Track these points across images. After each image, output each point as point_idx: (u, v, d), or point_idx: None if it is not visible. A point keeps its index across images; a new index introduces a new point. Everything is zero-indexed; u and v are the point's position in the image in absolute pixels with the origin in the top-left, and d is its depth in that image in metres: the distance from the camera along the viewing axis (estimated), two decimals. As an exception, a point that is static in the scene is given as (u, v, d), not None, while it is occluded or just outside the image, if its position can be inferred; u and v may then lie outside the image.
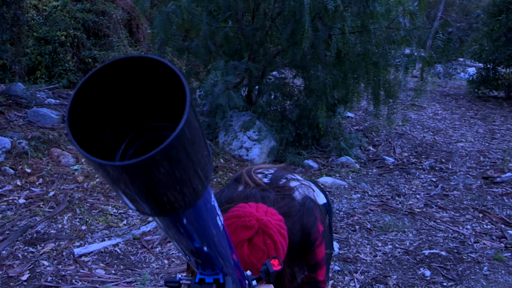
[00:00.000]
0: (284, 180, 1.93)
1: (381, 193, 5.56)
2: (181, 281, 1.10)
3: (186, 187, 0.66)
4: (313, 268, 1.82)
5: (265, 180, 1.92)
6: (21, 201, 4.75)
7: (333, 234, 4.44)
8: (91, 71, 0.65)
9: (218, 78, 6.16)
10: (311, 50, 6.54)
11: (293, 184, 1.92)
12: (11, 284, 3.53)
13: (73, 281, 3.62)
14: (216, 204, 0.87)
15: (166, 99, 0.68)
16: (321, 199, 2.15)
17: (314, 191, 2.02)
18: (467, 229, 4.63)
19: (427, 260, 3.99)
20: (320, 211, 1.92)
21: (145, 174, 0.59)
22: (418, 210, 5.05)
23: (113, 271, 3.80)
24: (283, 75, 7.86)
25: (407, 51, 7.20)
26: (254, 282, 1.38)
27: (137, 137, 0.75)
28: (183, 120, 0.58)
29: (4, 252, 3.93)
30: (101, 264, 3.88)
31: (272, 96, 7.60)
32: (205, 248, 0.94)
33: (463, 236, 4.47)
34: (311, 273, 1.83)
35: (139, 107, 0.71)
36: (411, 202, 5.27)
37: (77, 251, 4.02)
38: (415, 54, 6.96)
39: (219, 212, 0.90)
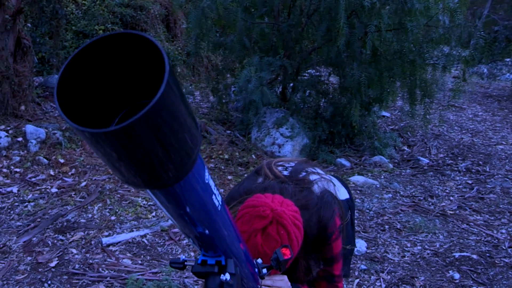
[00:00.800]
0: (304, 173, 1.91)
1: (414, 193, 5.44)
2: (185, 262, 1.12)
3: (171, 156, 0.67)
4: (329, 262, 1.80)
5: (285, 172, 1.91)
6: (54, 190, 4.86)
7: (362, 233, 4.38)
8: (80, 47, 0.66)
9: (252, 74, 6.15)
10: (346, 48, 6.45)
11: (312, 177, 1.90)
12: (39, 270, 3.61)
13: (100, 269, 3.68)
14: (211, 183, 0.87)
15: (156, 75, 0.68)
16: (343, 194, 2.12)
17: (335, 185, 1.99)
18: (501, 233, 4.48)
19: (457, 262, 3.88)
20: (339, 206, 1.89)
21: (126, 141, 0.60)
22: (451, 212, 4.92)
23: (139, 261, 3.84)
24: (318, 73, 7.80)
25: (446, 49, 7.02)
26: (264, 271, 1.37)
27: (129, 113, 0.75)
28: (161, 89, 0.59)
29: (34, 239, 4.03)
30: (128, 254, 3.93)
31: (307, 94, 7.55)
32: (207, 231, 0.95)
33: (497, 240, 4.32)
34: (326, 267, 1.81)
35: (130, 84, 0.72)
36: (444, 204, 5.14)
37: (105, 240, 4.08)
38: (454, 53, 6.77)
39: (215, 192, 0.89)
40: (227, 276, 1.01)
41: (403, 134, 7.96)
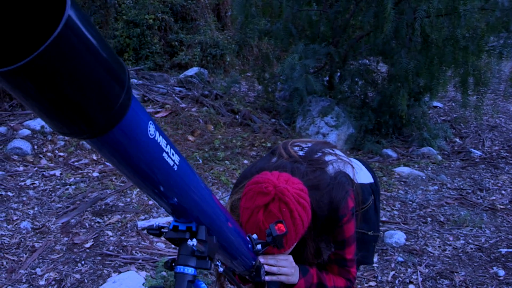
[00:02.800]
0: (319, 154, 1.85)
1: (462, 186, 5.18)
2: (161, 229, 1.11)
3: (86, 98, 0.63)
4: (340, 245, 1.73)
5: (301, 153, 1.87)
6: (95, 174, 4.96)
7: (402, 225, 4.21)
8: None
9: (295, 61, 6.03)
10: (394, 35, 6.19)
11: (328, 158, 1.84)
12: (74, 250, 3.68)
13: (133, 252, 3.71)
14: (161, 140, 0.82)
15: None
16: (364, 178, 2.04)
17: (353, 168, 1.91)
18: (555, 230, 4.19)
19: (503, 259, 3.65)
20: (355, 188, 1.81)
21: (30, 81, 0.57)
22: (501, 206, 4.64)
23: (173, 246, 3.84)
24: (367, 62, 7.56)
25: (505, 34, 6.58)
26: (259, 247, 1.37)
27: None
28: (60, 26, 0.54)
29: (73, 220, 4.11)
30: (163, 238, 3.94)
31: (356, 81, 7.33)
32: (175, 199, 0.93)
33: (549, 236, 4.04)
34: (338, 251, 1.74)
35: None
36: (494, 198, 4.86)
37: (140, 224, 4.12)
38: (512, 38, 6.34)
39: (168, 150, 0.84)
40: (194, 242, 0.99)
41: (456, 125, 7.61)
